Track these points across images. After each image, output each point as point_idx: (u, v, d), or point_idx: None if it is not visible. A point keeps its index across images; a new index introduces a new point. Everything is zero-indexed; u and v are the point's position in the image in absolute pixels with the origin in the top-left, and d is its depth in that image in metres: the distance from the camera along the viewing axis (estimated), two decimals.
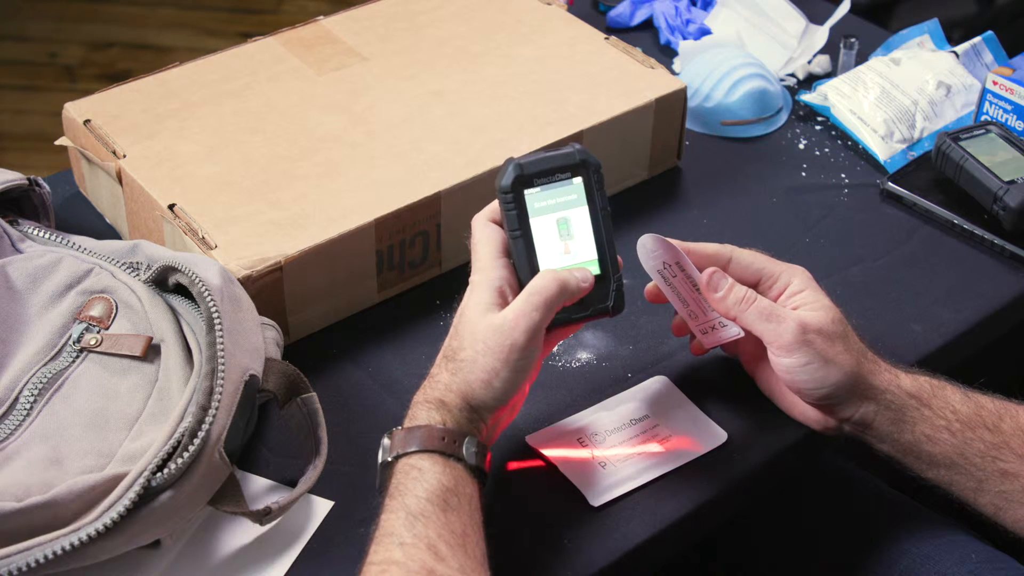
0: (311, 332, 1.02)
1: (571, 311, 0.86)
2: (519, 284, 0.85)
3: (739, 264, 0.90)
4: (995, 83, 1.21)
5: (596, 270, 0.86)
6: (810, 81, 1.35)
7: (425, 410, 0.80)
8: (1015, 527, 0.87)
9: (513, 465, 0.91)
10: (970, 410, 0.86)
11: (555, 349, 1.01)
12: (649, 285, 0.92)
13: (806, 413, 0.90)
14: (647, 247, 0.89)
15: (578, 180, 0.86)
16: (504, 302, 0.83)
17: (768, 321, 0.86)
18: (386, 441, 0.80)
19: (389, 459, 0.79)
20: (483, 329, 0.80)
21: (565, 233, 0.86)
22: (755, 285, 0.90)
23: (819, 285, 0.90)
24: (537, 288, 0.82)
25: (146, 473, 0.78)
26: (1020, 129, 1.20)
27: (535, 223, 0.85)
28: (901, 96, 1.25)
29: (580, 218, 0.87)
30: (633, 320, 1.04)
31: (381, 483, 0.80)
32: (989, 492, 0.86)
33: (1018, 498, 0.85)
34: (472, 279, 0.84)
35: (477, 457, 0.80)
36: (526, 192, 0.85)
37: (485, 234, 0.85)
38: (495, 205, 0.87)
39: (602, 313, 0.87)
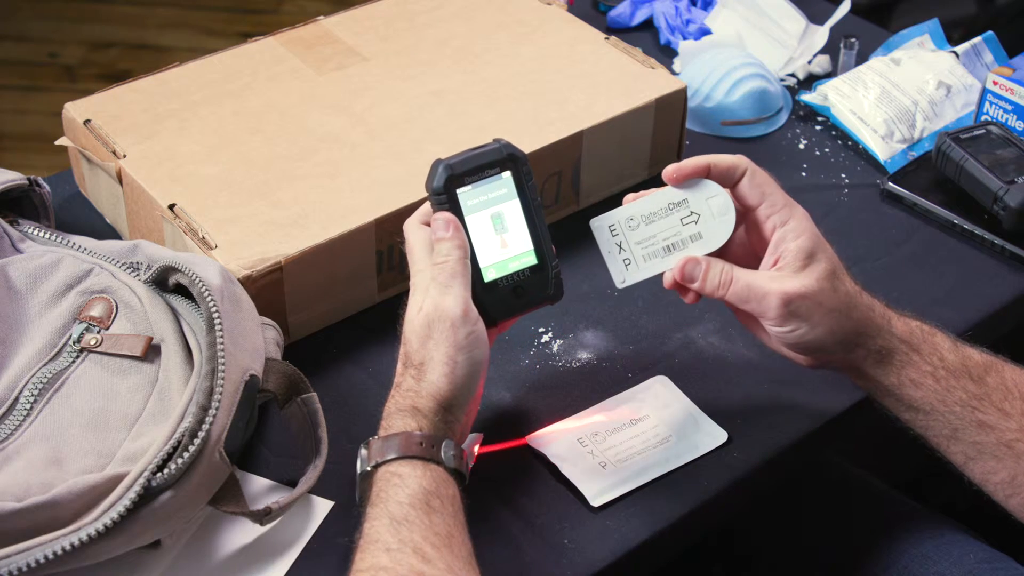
0: (311, 332, 1.02)
1: (513, 304, 0.87)
2: None
3: (751, 180, 0.87)
4: (995, 83, 1.21)
5: (533, 260, 0.88)
6: (810, 81, 1.35)
7: (400, 418, 0.81)
8: (981, 479, 0.87)
9: (487, 448, 0.91)
10: (957, 359, 0.87)
11: (555, 349, 1.01)
12: (666, 275, 0.90)
13: (791, 354, 0.89)
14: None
15: (507, 174, 0.88)
16: None
17: (749, 301, 0.85)
18: (363, 452, 0.80)
19: (368, 468, 0.79)
20: (421, 326, 0.82)
21: (500, 227, 0.88)
22: (758, 205, 0.87)
23: (816, 228, 0.87)
24: (439, 264, 0.83)
25: (146, 473, 0.78)
26: (1020, 129, 1.20)
27: (470, 220, 0.87)
28: (901, 96, 1.25)
29: (513, 211, 0.88)
30: (633, 320, 1.04)
31: (361, 494, 0.80)
32: (963, 441, 0.86)
33: (990, 450, 0.85)
34: (411, 282, 0.85)
35: (456, 460, 0.80)
36: (459, 191, 0.87)
37: (418, 237, 0.86)
38: (426, 208, 0.88)
39: (543, 302, 0.88)
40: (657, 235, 0.89)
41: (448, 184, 0.86)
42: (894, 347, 0.86)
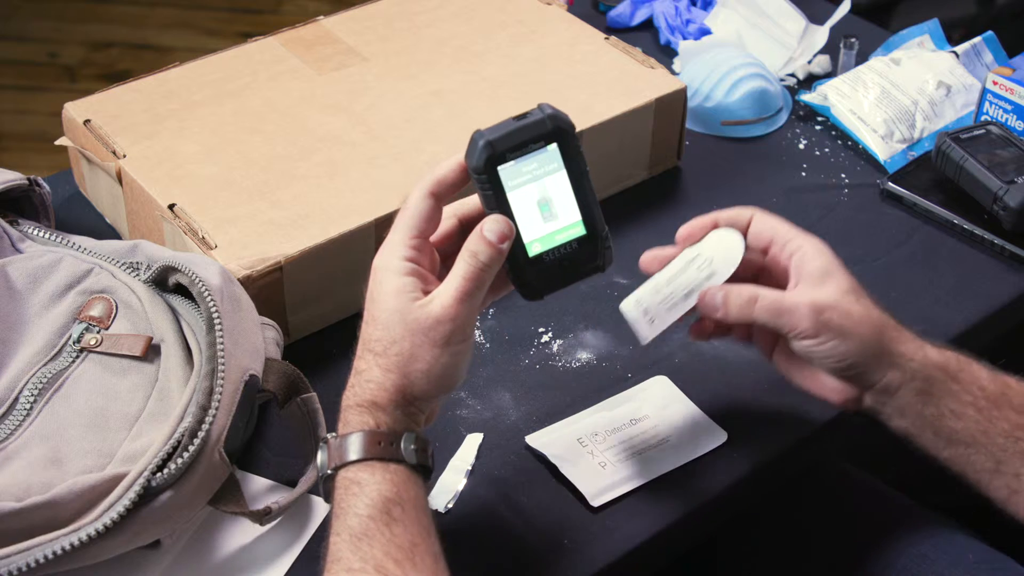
0: (311, 332, 1.02)
1: (558, 277, 0.83)
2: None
3: (759, 221, 0.88)
4: (995, 83, 1.21)
5: (581, 231, 0.83)
6: (810, 81, 1.35)
7: (357, 414, 0.77)
8: None
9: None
10: (997, 388, 0.84)
11: (555, 349, 1.01)
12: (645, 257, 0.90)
13: (828, 386, 0.87)
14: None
15: (553, 147, 0.82)
16: (422, 279, 0.79)
17: (780, 316, 0.84)
18: (321, 455, 0.78)
19: (329, 471, 0.77)
20: (413, 320, 0.77)
21: (545, 201, 0.82)
22: (770, 241, 0.87)
23: (834, 254, 0.87)
24: (465, 274, 0.78)
25: (146, 473, 0.78)
26: (1020, 129, 1.20)
27: (513, 197, 0.81)
28: (901, 96, 1.25)
29: (559, 183, 0.82)
30: None
31: (326, 494, 0.78)
32: (1006, 474, 0.84)
33: None
34: (388, 238, 0.80)
35: (418, 454, 0.77)
36: (500, 169, 0.80)
37: (419, 208, 0.80)
38: (441, 175, 0.81)
39: (593, 272, 0.84)
40: (676, 291, 0.88)
41: (489, 163, 0.80)
42: (931, 375, 0.84)
